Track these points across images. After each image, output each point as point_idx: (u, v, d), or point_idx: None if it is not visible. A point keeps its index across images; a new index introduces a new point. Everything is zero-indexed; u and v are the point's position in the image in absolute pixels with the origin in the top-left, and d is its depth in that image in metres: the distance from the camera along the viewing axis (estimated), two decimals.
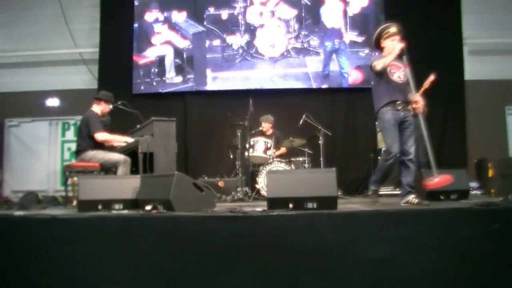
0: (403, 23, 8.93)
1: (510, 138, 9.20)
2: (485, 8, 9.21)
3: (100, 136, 5.43)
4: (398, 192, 6.40)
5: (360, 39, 8.97)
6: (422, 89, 5.97)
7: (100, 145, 5.54)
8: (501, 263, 3.28)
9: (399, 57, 4.39)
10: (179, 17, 9.00)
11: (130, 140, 5.53)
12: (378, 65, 4.31)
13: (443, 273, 3.24)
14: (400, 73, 4.42)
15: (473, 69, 9.24)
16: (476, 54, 9.33)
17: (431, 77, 5.96)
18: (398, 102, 4.35)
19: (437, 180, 4.37)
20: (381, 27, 4.64)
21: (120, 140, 5.63)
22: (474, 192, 6.35)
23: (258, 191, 6.61)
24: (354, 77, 8.86)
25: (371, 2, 8.98)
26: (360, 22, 9.00)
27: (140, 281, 3.10)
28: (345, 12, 9.00)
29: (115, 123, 6.21)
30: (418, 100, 4.43)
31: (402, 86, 4.43)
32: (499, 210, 3.50)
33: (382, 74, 4.40)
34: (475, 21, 9.18)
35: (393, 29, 4.53)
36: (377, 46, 4.66)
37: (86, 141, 5.45)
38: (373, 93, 4.59)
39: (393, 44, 4.41)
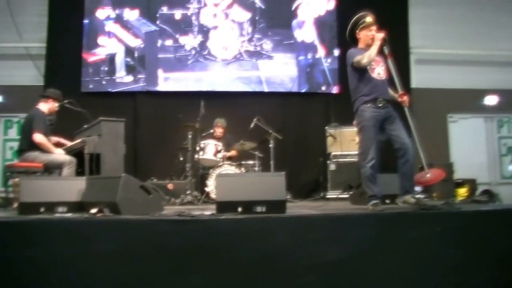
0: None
1: (451, 144, 9.62)
2: (431, 20, 9.61)
3: (38, 137, 5.17)
4: (347, 196, 6.60)
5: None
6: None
7: None
8: (443, 264, 3.43)
9: (381, 48, 4.17)
10: (132, 15, 8.81)
11: (61, 153, 5.32)
12: (363, 60, 4.06)
13: (391, 275, 3.36)
14: (379, 69, 4.22)
15: (419, 77, 9.61)
16: (422, 63, 9.71)
17: None
18: (379, 99, 4.12)
19: (429, 176, 4.37)
20: (356, 17, 4.38)
21: (53, 151, 5.34)
22: (418, 196, 6.58)
23: (208, 194, 6.59)
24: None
25: (326, 12, 9.17)
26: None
27: (83, 286, 3.02)
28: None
29: (61, 123, 6.00)
30: (404, 93, 4.30)
31: (382, 83, 4.22)
32: (441, 214, 3.68)
33: (363, 70, 4.15)
34: (421, 31, 9.56)
35: (369, 19, 4.31)
36: (351, 38, 4.40)
37: (30, 140, 5.22)
38: (352, 90, 4.29)
39: (370, 35, 4.21)
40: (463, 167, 8.13)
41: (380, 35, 4.18)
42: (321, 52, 9.15)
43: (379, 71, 4.21)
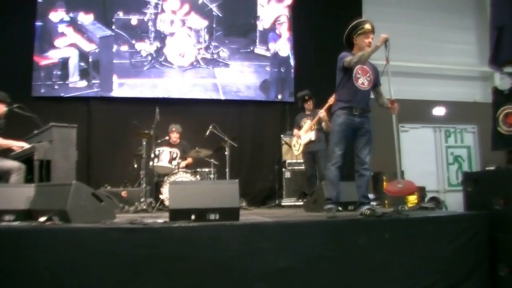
0: (309, 41, 9.41)
1: (402, 153, 9.93)
2: (383, 32, 9.89)
3: None
4: (301, 203, 6.70)
5: (268, 54, 9.25)
6: (327, 104, 6.35)
7: None
8: (391, 270, 3.55)
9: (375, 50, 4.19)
10: (86, 19, 8.65)
11: (26, 145, 5.22)
12: (355, 58, 4.10)
13: (340, 282, 3.44)
14: (365, 80, 4.29)
15: None
16: None
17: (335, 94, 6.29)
18: (356, 108, 4.21)
19: (401, 187, 4.47)
20: (354, 23, 4.38)
21: (15, 144, 5.27)
22: (373, 207, 6.75)
23: (162, 201, 6.52)
24: None
25: (281, 19, 9.32)
26: (268, 38, 9.29)
27: None
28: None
29: (10, 128, 5.79)
30: (394, 101, 4.39)
31: (363, 92, 4.28)
32: (390, 221, 3.80)
33: (349, 76, 4.22)
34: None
35: (368, 26, 4.33)
36: (348, 43, 4.41)
37: None
38: (336, 92, 4.44)
39: (367, 42, 4.23)
40: (413, 175, 8.40)
41: (383, 36, 4.17)
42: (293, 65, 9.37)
43: (363, 81, 4.28)
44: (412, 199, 7.52)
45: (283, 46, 9.38)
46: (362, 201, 4.21)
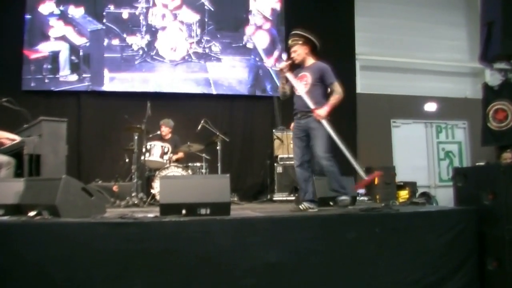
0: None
1: (394, 148, 9.99)
2: (376, 28, 9.99)
3: None
4: (293, 198, 6.72)
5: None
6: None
7: None
8: (381, 264, 3.58)
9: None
10: (77, 12, 8.57)
11: (18, 138, 5.17)
12: (340, 96, 4.62)
13: (331, 276, 3.46)
14: (301, 85, 4.58)
15: (364, 83, 9.95)
16: (367, 69, 10.05)
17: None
18: (299, 112, 4.61)
19: (367, 178, 4.65)
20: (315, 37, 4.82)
21: (7, 136, 5.21)
22: (362, 198, 6.80)
23: (153, 196, 6.51)
24: None
25: (273, 13, 9.29)
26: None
27: None
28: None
29: None
30: (314, 109, 4.52)
31: (300, 97, 4.57)
32: (380, 215, 3.82)
33: (291, 88, 4.65)
34: (367, 39, 9.90)
35: (290, 41, 4.77)
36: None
37: None
38: None
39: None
40: (404, 171, 8.48)
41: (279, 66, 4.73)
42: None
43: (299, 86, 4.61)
44: (403, 194, 7.59)
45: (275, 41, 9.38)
46: (303, 197, 4.59)
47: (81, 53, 8.53)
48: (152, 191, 6.60)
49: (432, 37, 10.41)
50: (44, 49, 8.41)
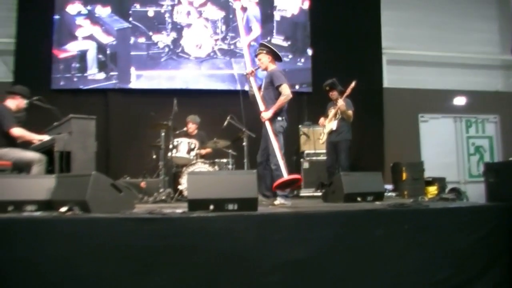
0: (327, 31, 9.35)
1: (421, 144, 9.82)
2: (402, 22, 9.84)
3: (16, 131, 5.13)
4: (320, 194, 6.68)
5: (286, 44, 9.19)
6: (345, 94, 6.32)
7: (13, 143, 5.23)
8: (408, 261, 3.51)
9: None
10: (104, 11, 8.70)
11: (46, 138, 5.29)
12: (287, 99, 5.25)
13: (358, 273, 3.41)
14: (256, 90, 5.28)
15: (391, 77, 9.80)
16: (394, 64, 9.90)
17: (353, 84, 6.29)
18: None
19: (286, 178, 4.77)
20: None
21: (37, 138, 5.35)
22: (390, 194, 6.72)
23: (181, 192, 6.55)
24: None
25: (300, 10, 9.24)
26: (287, 28, 9.22)
27: (53, 286, 2.98)
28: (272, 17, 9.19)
29: (30, 120, 5.87)
30: (262, 111, 5.13)
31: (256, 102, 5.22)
32: (409, 211, 3.74)
33: None
34: (394, 33, 9.76)
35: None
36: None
37: None
38: None
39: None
40: (433, 166, 8.31)
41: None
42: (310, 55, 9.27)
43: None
44: (432, 190, 7.44)
45: (301, 36, 9.31)
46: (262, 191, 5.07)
47: (108, 52, 8.66)
48: (179, 187, 6.65)
49: (461, 30, 10.17)
50: (72, 48, 8.57)
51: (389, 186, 7.00)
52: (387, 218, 3.63)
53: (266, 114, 5.07)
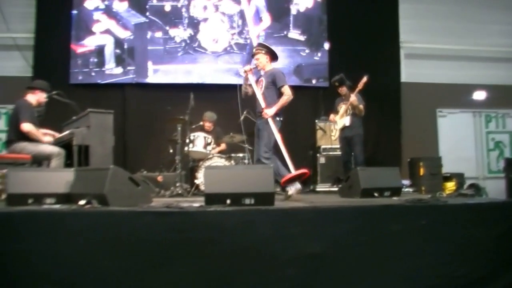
0: (344, 24, 9.28)
1: (440, 139, 9.70)
2: (421, 15, 9.68)
3: (26, 126, 5.17)
4: (336, 189, 6.66)
5: (302, 38, 9.14)
6: (357, 89, 6.27)
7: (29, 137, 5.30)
8: (426, 257, 3.47)
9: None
10: (121, 6, 8.76)
11: (57, 134, 5.34)
12: (289, 99, 5.38)
13: (374, 268, 3.38)
14: (257, 88, 5.36)
15: (409, 71, 9.69)
16: (412, 58, 9.78)
17: (365, 79, 6.22)
18: (257, 112, 5.42)
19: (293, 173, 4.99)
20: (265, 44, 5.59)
21: (42, 139, 5.36)
22: (407, 189, 6.65)
23: (197, 186, 6.59)
24: None
25: (315, 3, 9.17)
26: (303, 22, 9.17)
27: (72, 278, 3.01)
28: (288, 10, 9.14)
29: (49, 114, 5.96)
30: (263, 109, 5.21)
31: (256, 98, 5.35)
32: (427, 207, 3.69)
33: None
34: (412, 26, 9.63)
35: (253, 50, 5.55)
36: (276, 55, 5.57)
37: (18, 131, 5.19)
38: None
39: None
40: (451, 161, 8.21)
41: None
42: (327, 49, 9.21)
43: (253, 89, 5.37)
44: (450, 185, 7.35)
45: (316, 30, 9.25)
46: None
47: (125, 46, 8.72)
48: (195, 181, 6.68)
49: (481, 22, 9.95)
50: (90, 43, 8.64)
51: (406, 182, 6.93)
52: (404, 213, 3.58)
53: (270, 111, 5.20)
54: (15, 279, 2.99)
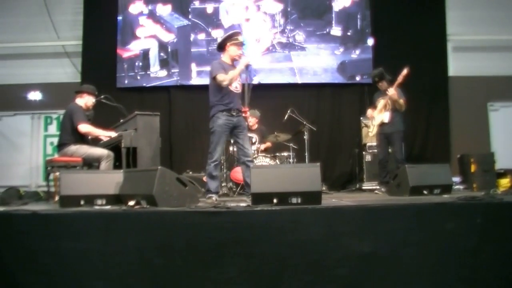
0: (388, 19, 9.07)
1: (492, 134, 9.32)
2: (469, 4, 9.31)
3: (84, 127, 5.34)
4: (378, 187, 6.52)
5: (345, 34, 9.03)
6: (396, 83, 6.04)
7: (83, 139, 5.46)
8: (483, 257, 3.33)
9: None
10: (164, 10, 8.90)
11: (113, 134, 5.48)
12: (225, 81, 4.79)
13: (427, 268, 3.28)
14: (237, 83, 5.00)
15: (457, 65, 9.35)
16: (460, 51, 9.44)
17: (405, 71, 5.99)
18: (233, 109, 4.91)
19: None
20: (231, 32, 5.11)
21: (103, 134, 5.57)
22: (457, 186, 6.43)
23: (242, 186, 6.59)
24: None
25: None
26: (345, 18, 9.03)
27: (123, 277, 3.08)
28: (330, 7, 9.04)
29: (98, 117, 6.13)
30: (246, 110, 5.07)
31: (237, 95, 5.00)
32: (482, 205, 3.54)
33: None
34: (459, 17, 9.29)
35: (241, 38, 5.06)
36: (221, 48, 5.12)
37: (69, 135, 5.36)
38: (211, 94, 5.00)
39: (238, 53, 4.98)
40: (505, 157, 7.87)
41: (246, 60, 4.98)
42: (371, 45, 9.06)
43: (236, 85, 5.00)
44: (504, 182, 7.05)
45: (361, 26, 9.09)
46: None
47: (169, 49, 8.86)
48: None
49: None
50: (135, 47, 8.84)
51: (456, 179, 6.68)
52: (457, 211, 3.45)
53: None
54: (71, 275, 3.09)
